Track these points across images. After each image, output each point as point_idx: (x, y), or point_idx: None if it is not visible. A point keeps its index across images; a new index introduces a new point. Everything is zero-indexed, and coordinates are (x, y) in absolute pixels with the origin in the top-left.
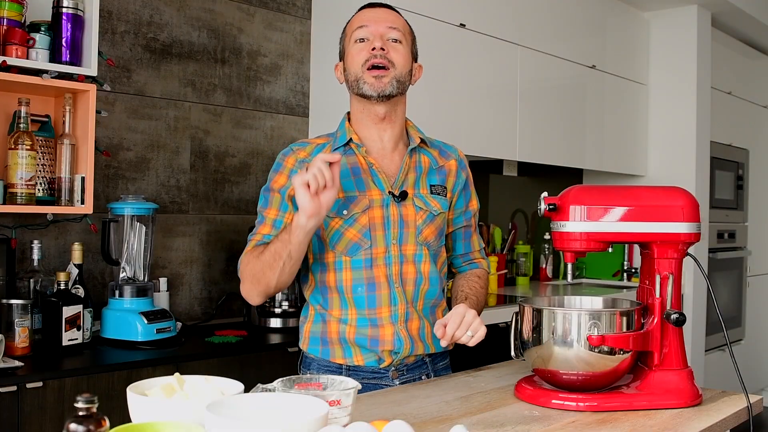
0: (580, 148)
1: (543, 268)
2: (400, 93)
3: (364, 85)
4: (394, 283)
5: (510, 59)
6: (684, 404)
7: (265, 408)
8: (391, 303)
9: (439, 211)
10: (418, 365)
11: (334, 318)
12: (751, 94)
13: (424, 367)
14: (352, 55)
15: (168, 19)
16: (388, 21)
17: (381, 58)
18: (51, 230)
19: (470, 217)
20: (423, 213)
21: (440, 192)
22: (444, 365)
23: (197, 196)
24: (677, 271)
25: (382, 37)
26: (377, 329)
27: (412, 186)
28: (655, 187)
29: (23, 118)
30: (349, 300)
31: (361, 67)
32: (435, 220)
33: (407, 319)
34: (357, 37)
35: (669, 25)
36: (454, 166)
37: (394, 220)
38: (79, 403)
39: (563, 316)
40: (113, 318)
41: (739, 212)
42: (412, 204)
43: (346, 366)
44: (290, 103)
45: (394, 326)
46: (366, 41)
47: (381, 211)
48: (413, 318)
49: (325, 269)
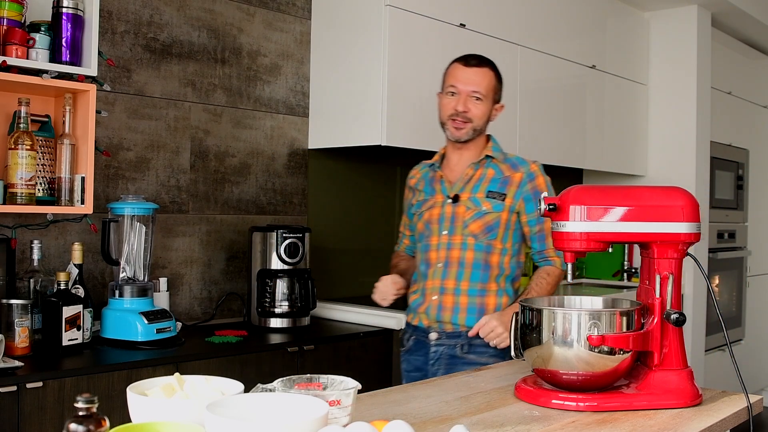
0: (580, 148)
1: None
2: (477, 136)
3: (447, 132)
4: (438, 263)
5: (510, 59)
6: (684, 404)
7: (265, 408)
8: (432, 277)
9: (488, 211)
10: (456, 335)
11: (411, 289)
12: (751, 94)
13: (460, 337)
14: (443, 104)
15: (168, 19)
16: (474, 85)
17: (461, 117)
18: (51, 230)
19: (543, 221)
20: (472, 211)
21: (496, 197)
22: (483, 343)
23: (197, 196)
24: (677, 271)
25: (466, 98)
26: (423, 297)
27: (469, 191)
28: (655, 187)
29: (23, 118)
30: (419, 273)
31: (447, 117)
32: (484, 217)
33: (442, 293)
34: (448, 91)
35: (669, 25)
36: (518, 178)
37: (447, 217)
38: (79, 403)
39: (563, 316)
40: (113, 318)
41: (739, 212)
42: (464, 205)
43: (410, 323)
44: (290, 103)
45: (431, 296)
46: (455, 95)
47: (439, 210)
48: (448, 293)
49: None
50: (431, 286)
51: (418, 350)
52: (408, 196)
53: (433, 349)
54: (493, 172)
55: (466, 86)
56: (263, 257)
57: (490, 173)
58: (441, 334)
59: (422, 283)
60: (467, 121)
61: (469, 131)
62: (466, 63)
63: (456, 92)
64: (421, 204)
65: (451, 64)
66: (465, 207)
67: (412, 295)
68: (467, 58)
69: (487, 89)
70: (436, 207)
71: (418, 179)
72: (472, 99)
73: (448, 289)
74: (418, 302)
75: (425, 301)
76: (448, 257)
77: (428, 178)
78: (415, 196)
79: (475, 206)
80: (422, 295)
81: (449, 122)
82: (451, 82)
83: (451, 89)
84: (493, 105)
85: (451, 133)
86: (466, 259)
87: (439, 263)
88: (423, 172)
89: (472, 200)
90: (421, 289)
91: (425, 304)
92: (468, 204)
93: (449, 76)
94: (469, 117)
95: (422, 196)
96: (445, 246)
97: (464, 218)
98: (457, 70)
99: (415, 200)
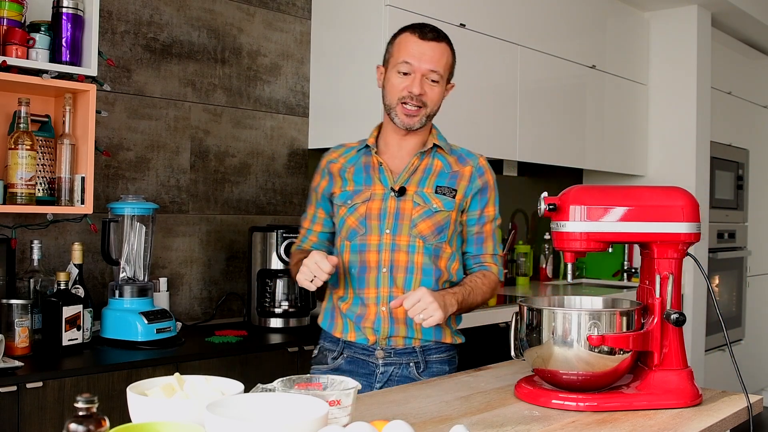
0: (580, 148)
1: (543, 268)
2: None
3: (396, 117)
4: (383, 267)
5: (510, 59)
6: (684, 404)
7: (265, 408)
8: (376, 285)
9: (439, 209)
10: (408, 352)
11: (337, 295)
12: (751, 94)
13: (414, 354)
14: (392, 84)
15: (168, 19)
16: (432, 62)
17: (416, 101)
18: (51, 230)
19: (485, 222)
20: (421, 208)
21: (446, 193)
22: (440, 358)
23: (197, 196)
24: (677, 271)
25: (422, 78)
26: (364, 308)
27: (415, 184)
28: (655, 187)
29: (23, 118)
30: (347, 279)
31: (397, 100)
32: (435, 216)
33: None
34: (400, 69)
35: (669, 25)
36: (469, 172)
37: (390, 213)
38: (79, 403)
39: (563, 316)
40: (113, 318)
41: (739, 212)
42: (411, 200)
43: (342, 339)
44: (290, 103)
45: (377, 307)
46: (407, 76)
47: (380, 204)
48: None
49: (335, 252)
50: (374, 294)
51: (354, 371)
52: (321, 183)
53: (381, 369)
54: (440, 165)
55: (422, 64)
56: (263, 257)
57: (437, 165)
58: (389, 352)
59: (359, 291)
60: (422, 107)
61: (423, 118)
62: (422, 35)
63: (410, 71)
64: (352, 195)
65: (401, 33)
66: (412, 203)
67: (341, 303)
68: (422, 28)
69: (445, 69)
70: (375, 200)
71: (343, 164)
72: (428, 81)
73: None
74: (356, 313)
75: (368, 313)
76: (393, 260)
77: (361, 164)
78: (337, 185)
79: (424, 203)
80: (360, 305)
81: (399, 107)
82: (404, 57)
83: (404, 66)
84: (446, 86)
85: (401, 120)
86: (416, 264)
87: (383, 268)
88: (349, 156)
89: (420, 195)
90: (359, 297)
91: (370, 317)
92: (416, 199)
93: (401, 49)
94: (425, 101)
95: (352, 186)
96: (388, 247)
97: (412, 216)
98: (412, 44)
99: (338, 189)
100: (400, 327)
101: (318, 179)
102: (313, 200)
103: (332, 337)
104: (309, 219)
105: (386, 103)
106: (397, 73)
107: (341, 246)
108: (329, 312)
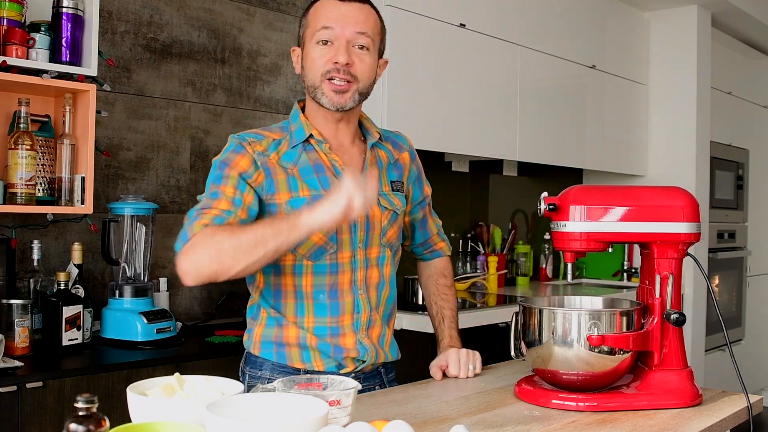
0: (580, 148)
1: (543, 268)
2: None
3: (323, 97)
4: (359, 289)
5: (510, 59)
6: (684, 404)
7: (265, 408)
8: (354, 311)
9: (401, 209)
10: (374, 374)
11: (290, 323)
12: (751, 94)
13: (378, 377)
14: (312, 58)
15: (168, 19)
16: (358, 23)
17: (344, 73)
18: (51, 230)
19: (426, 204)
20: (388, 213)
21: (400, 188)
22: (392, 378)
23: (197, 196)
24: (677, 271)
25: (348, 45)
26: (338, 338)
27: None
28: (655, 187)
29: (23, 118)
30: (308, 306)
31: (320, 77)
32: (398, 219)
33: (369, 327)
34: (320, 37)
35: (669, 25)
36: (407, 159)
37: (361, 222)
38: (79, 403)
39: (563, 316)
40: (113, 318)
41: (739, 212)
42: (378, 204)
43: (304, 370)
44: (290, 103)
45: (356, 335)
46: (330, 45)
47: None
48: (375, 325)
49: (281, 272)
50: (350, 321)
51: None
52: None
53: None
54: (385, 155)
55: (346, 27)
56: None
57: (383, 156)
58: (359, 378)
59: (331, 319)
60: (352, 80)
61: (355, 95)
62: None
63: (331, 38)
64: (311, 203)
65: (316, 1)
66: (380, 207)
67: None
68: None
69: (374, 32)
70: None
71: (279, 161)
72: (355, 48)
73: (375, 322)
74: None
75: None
76: (366, 278)
77: (308, 163)
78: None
79: (390, 205)
80: (336, 336)
81: (325, 84)
82: (324, 23)
83: (324, 33)
84: (378, 57)
85: (329, 100)
86: (385, 277)
87: (360, 290)
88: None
89: (384, 197)
90: (331, 327)
91: (352, 347)
92: (382, 203)
93: (318, 15)
94: (355, 74)
95: (306, 191)
96: (363, 265)
97: (381, 223)
98: (330, 6)
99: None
100: (380, 352)
101: (246, 164)
102: (232, 182)
103: (284, 367)
104: (227, 201)
105: (309, 85)
106: (317, 44)
107: (296, 267)
108: (272, 341)
